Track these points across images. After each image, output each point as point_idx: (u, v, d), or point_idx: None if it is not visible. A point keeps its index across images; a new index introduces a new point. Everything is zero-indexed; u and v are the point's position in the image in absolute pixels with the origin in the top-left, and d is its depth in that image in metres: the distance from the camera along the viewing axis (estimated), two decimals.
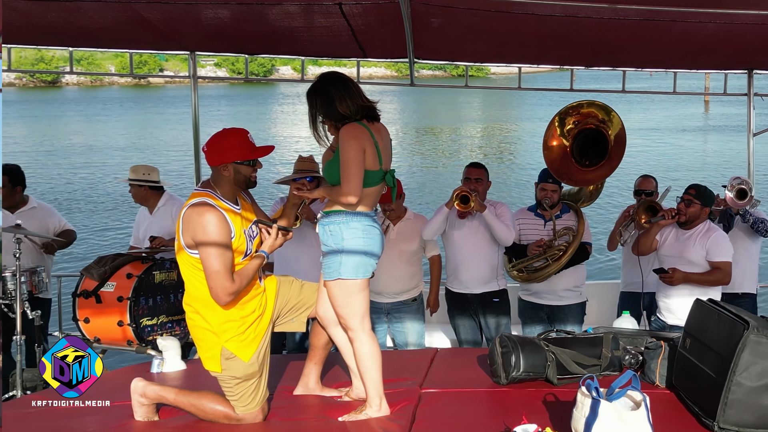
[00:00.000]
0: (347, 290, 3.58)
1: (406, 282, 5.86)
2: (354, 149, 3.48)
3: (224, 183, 3.61)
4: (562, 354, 3.98)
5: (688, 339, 3.65)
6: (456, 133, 34.39)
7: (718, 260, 5.28)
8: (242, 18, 5.74)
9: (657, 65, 7.56)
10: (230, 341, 3.58)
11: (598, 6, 4.93)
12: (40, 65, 46.46)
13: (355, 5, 5.20)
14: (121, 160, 23.52)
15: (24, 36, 6.69)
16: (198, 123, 7.26)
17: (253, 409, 3.65)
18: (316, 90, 3.63)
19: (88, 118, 38.27)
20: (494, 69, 38.28)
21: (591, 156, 5.76)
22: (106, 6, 5.52)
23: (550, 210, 5.78)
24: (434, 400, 3.80)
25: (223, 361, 3.59)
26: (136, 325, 5.54)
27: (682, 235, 5.40)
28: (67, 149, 28.99)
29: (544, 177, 5.82)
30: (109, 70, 42.58)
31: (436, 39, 6.31)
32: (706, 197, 5.39)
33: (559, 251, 5.71)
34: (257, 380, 3.65)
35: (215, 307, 3.55)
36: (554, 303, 5.86)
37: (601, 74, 7.33)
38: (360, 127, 3.53)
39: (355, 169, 3.48)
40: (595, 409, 2.91)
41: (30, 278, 5.82)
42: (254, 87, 52.88)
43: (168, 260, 5.86)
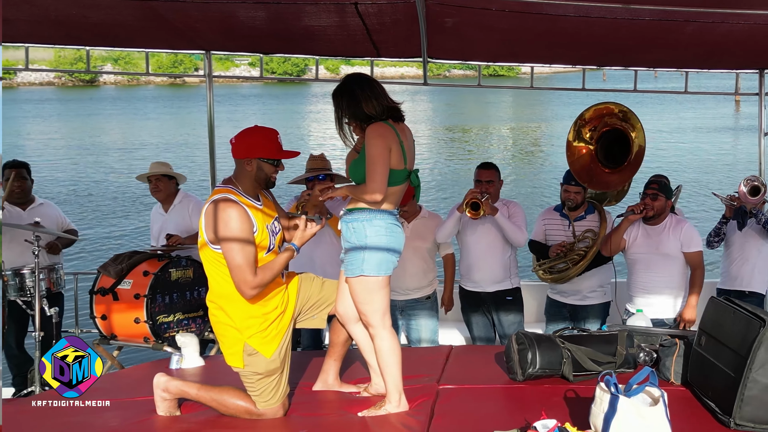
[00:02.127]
0: (369, 287, 3.62)
1: (419, 279, 5.90)
2: (380, 147, 3.52)
3: (246, 178, 3.65)
4: (578, 351, 4.02)
5: (703, 336, 3.68)
6: (486, 131, 34.38)
7: (694, 250, 5.38)
8: (258, 17, 5.77)
9: (668, 65, 7.56)
10: (253, 337, 3.62)
11: (612, 6, 4.96)
12: (79, 65, 47.06)
13: (371, 5, 5.23)
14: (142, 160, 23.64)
15: (42, 35, 6.74)
16: (213, 122, 7.30)
17: (274, 404, 3.70)
18: (342, 91, 3.68)
19: (124, 116, 38.68)
20: (525, 69, 38.24)
21: (616, 156, 5.77)
22: (123, 4, 5.56)
23: (574, 211, 5.82)
24: (452, 396, 3.84)
25: (246, 357, 3.63)
26: (152, 322, 5.59)
27: (652, 231, 5.46)
28: (95, 146, 29.15)
29: (567, 178, 5.84)
30: (144, 69, 42.97)
31: (449, 38, 6.33)
32: (667, 190, 5.51)
33: (579, 255, 5.72)
34: (279, 376, 3.70)
35: (238, 303, 3.60)
36: (578, 303, 5.88)
37: (628, 74, 7.36)
38: (386, 126, 3.58)
39: (380, 167, 3.53)
40: (614, 405, 2.95)
41: (48, 275, 5.90)
42: (289, 87, 53.24)
43: (184, 258, 5.92)
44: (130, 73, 55.39)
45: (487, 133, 33.96)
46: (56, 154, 26.87)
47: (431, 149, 28.42)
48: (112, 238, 14.79)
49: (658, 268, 5.41)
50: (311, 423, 3.64)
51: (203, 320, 5.92)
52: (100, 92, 51.12)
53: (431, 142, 30.80)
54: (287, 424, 3.66)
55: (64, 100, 46.60)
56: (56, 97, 47.41)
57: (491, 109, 42.08)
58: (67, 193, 19.81)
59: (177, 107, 42.69)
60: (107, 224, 16.11)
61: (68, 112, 41.15)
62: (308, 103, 45.45)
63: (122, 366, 5.99)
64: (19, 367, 6.16)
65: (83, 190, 20.36)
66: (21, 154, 24.73)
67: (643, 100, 36.86)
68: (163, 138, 30.51)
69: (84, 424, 3.69)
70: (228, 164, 3.76)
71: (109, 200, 18.76)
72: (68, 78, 52.61)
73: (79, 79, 53.01)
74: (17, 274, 5.80)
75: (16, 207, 6.24)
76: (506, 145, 30.59)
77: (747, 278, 6.10)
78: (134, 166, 22.13)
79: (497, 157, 25.73)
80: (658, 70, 7.97)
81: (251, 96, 47.39)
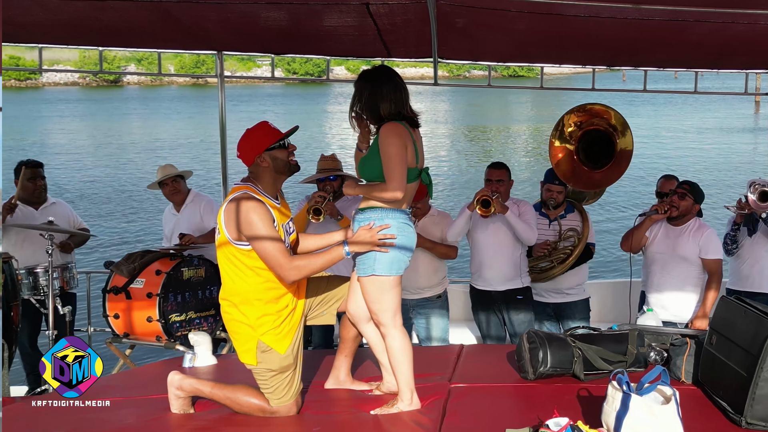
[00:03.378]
0: (381, 287, 3.64)
1: (429, 277, 5.92)
2: (397, 146, 3.54)
3: (265, 176, 3.67)
4: (589, 350, 4.04)
5: (714, 336, 3.70)
6: (505, 132, 34.38)
7: (711, 257, 5.38)
8: (269, 18, 5.80)
9: (678, 65, 7.56)
10: (266, 334, 3.65)
11: (623, 6, 4.98)
12: (103, 65, 47.53)
13: (382, 5, 5.26)
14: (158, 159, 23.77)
15: (55, 36, 6.79)
16: (224, 122, 7.33)
17: (287, 401, 3.72)
18: (369, 80, 3.67)
19: (143, 116, 38.91)
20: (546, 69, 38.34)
21: (597, 157, 5.82)
22: (135, 5, 5.60)
23: (555, 210, 5.89)
24: (463, 394, 3.86)
25: (259, 354, 3.66)
26: (164, 320, 5.64)
27: (672, 231, 5.47)
28: (113, 146, 29.29)
29: (550, 178, 5.91)
30: (169, 70, 43.42)
31: (460, 39, 6.35)
32: (698, 194, 5.48)
33: (565, 254, 5.82)
34: (292, 373, 3.73)
35: (252, 301, 3.63)
36: (559, 300, 5.99)
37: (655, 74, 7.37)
38: (400, 125, 3.60)
39: (399, 166, 3.54)
40: (626, 403, 2.97)
41: (61, 274, 5.94)
42: (311, 87, 53.45)
43: (196, 257, 5.96)
44: (141, 74, 55.76)
45: (507, 134, 33.95)
46: (75, 153, 27.00)
47: (450, 149, 28.45)
48: (125, 237, 14.87)
49: (673, 269, 5.43)
50: (324, 421, 3.67)
51: (215, 319, 5.96)
52: (123, 92, 51.52)
53: (450, 141, 30.86)
54: (300, 422, 3.68)
55: (87, 100, 47.00)
56: (80, 98, 47.76)
57: (511, 109, 42.10)
58: (83, 192, 19.90)
59: (198, 107, 42.90)
60: (122, 223, 16.23)
61: (89, 111, 41.43)
62: (328, 103, 45.68)
63: (135, 364, 6.04)
64: (32, 366, 6.20)
65: (99, 189, 20.46)
66: (43, 153, 24.91)
67: (663, 101, 36.83)
68: (179, 137, 30.68)
69: (100, 420, 3.72)
70: (240, 163, 3.79)
71: (124, 199, 18.89)
72: (92, 78, 52.92)
73: (102, 79, 53.33)
74: (31, 273, 5.85)
75: (29, 206, 6.29)
76: (525, 145, 30.56)
77: (757, 279, 6.09)
78: (150, 165, 22.28)
79: (516, 158, 25.77)
80: (678, 71, 7.96)
81: (274, 96, 47.52)
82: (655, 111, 37.76)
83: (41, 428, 3.69)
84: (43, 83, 52.29)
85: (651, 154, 23.57)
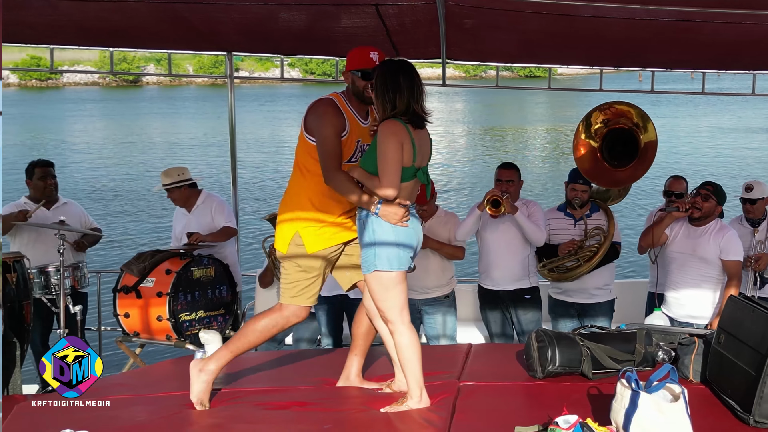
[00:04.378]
0: (384, 283, 3.66)
1: (438, 277, 5.94)
2: (393, 145, 3.57)
3: (351, 92, 3.88)
4: (597, 349, 4.05)
5: (722, 335, 3.71)
6: (521, 132, 34.37)
7: (732, 259, 5.35)
8: (278, 19, 5.85)
9: (685, 66, 7.60)
10: (306, 230, 3.82)
11: (630, 7, 5.00)
12: (123, 65, 47.84)
13: (392, 6, 5.31)
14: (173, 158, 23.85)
15: (65, 36, 6.84)
16: (234, 122, 7.37)
17: (300, 302, 3.87)
18: (390, 70, 3.68)
19: (163, 115, 39.15)
20: (561, 70, 38.42)
21: (620, 155, 5.83)
22: (146, 6, 5.65)
23: (580, 209, 5.87)
24: (472, 392, 3.88)
25: (292, 245, 3.83)
26: (174, 319, 5.68)
27: (693, 232, 5.45)
28: (127, 145, 29.45)
29: (574, 177, 5.90)
30: (188, 70, 43.75)
31: (468, 39, 6.39)
32: (721, 195, 5.47)
33: (591, 252, 5.78)
34: (315, 278, 3.88)
35: (303, 199, 3.86)
36: (585, 301, 5.93)
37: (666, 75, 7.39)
38: (399, 124, 3.61)
39: (392, 165, 3.57)
40: (634, 401, 2.99)
41: (73, 273, 5.99)
42: (330, 86, 53.45)
43: (206, 256, 6.00)
44: (153, 74, 55.82)
45: (524, 134, 33.93)
46: (89, 153, 27.09)
47: (467, 149, 28.43)
48: (139, 237, 14.95)
49: (693, 270, 5.41)
50: (334, 418, 3.68)
51: (224, 318, 6.01)
52: (142, 92, 51.70)
53: (467, 142, 30.86)
54: (311, 420, 3.71)
55: (106, 100, 47.12)
56: (99, 98, 47.92)
57: (527, 109, 42.07)
58: (95, 191, 19.97)
59: (216, 107, 42.94)
60: (134, 223, 16.31)
61: (108, 111, 41.57)
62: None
63: (144, 363, 6.08)
64: None
65: (116, 188, 20.55)
66: (61, 152, 24.95)
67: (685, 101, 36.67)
68: (196, 137, 30.74)
69: (113, 418, 3.75)
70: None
71: (135, 199, 18.97)
72: (112, 78, 53.36)
73: (122, 79, 53.79)
74: (42, 272, 5.89)
75: (41, 207, 6.33)
76: (543, 145, 30.54)
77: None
78: (165, 165, 22.36)
79: (533, 158, 25.73)
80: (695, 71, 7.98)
81: (292, 96, 47.43)
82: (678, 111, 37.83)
83: (52, 426, 3.72)
84: (63, 83, 52.59)
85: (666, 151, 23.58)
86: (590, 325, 4.70)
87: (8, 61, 28.74)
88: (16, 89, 50.51)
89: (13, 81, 51.18)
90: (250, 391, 4.11)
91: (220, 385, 4.08)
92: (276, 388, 4.09)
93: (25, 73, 49.05)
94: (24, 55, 31.01)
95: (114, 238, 14.06)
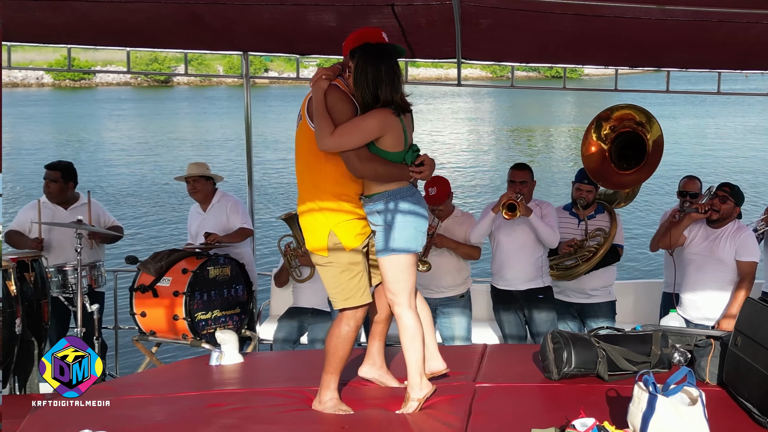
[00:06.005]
0: (399, 265, 3.70)
1: (453, 277, 5.96)
2: (373, 125, 3.61)
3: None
4: (613, 351, 4.05)
5: (739, 337, 3.70)
6: (547, 133, 34.30)
7: (746, 260, 5.34)
8: (294, 20, 5.86)
9: (701, 66, 7.54)
10: (339, 225, 3.70)
11: (646, 7, 4.99)
12: (154, 65, 48.25)
13: (407, 6, 5.31)
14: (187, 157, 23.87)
15: (83, 36, 6.89)
16: (250, 121, 7.40)
17: (354, 303, 3.76)
18: (372, 57, 3.64)
19: (193, 115, 39.37)
20: (588, 70, 38.42)
21: (629, 158, 5.84)
22: (163, 6, 5.68)
23: (585, 210, 5.90)
24: (489, 394, 3.89)
25: (330, 248, 3.71)
26: (191, 319, 5.69)
27: (711, 234, 5.44)
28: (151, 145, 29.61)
29: (580, 177, 5.93)
30: (218, 70, 44.01)
31: (483, 39, 6.38)
32: (739, 196, 5.45)
33: (590, 252, 5.84)
34: (361, 273, 3.77)
35: (325, 191, 3.71)
36: (583, 301, 5.99)
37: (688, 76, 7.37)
38: (392, 115, 3.64)
39: (357, 133, 3.60)
40: (652, 404, 2.99)
41: (90, 272, 6.02)
42: None
43: (222, 256, 6.02)
44: (166, 74, 56.10)
45: (549, 134, 33.81)
46: (112, 151, 27.22)
47: (492, 150, 28.39)
48: (155, 235, 15.04)
49: (710, 272, 5.39)
50: (352, 419, 3.70)
51: (240, 317, 6.04)
52: (173, 92, 51.98)
53: (493, 142, 30.82)
54: (327, 421, 3.72)
55: (136, 99, 47.34)
56: (130, 97, 48.20)
57: (554, 110, 41.99)
58: (116, 191, 20.08)
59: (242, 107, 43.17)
60: (154, 222, 16.43)
61: (138, 111, 41.75)
62: None
63: (161, 362, 6.11)
64: None
65: (142, 187, 20.65)
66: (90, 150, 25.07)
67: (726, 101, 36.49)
68: (224, 136, 30.83)
69: (131, 417, 3.78)
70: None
71: (156, 198, 19.07)
72: (144, 78, 53.89)
73: (153, 79, 54.29)
74: (60, 271, 5.93)
75: (58, 206, 6.39)
76: (567, 145, 30.43)
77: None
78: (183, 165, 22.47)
79: (558, 158, 25.67)
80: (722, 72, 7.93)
81: None
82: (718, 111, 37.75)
83: (71, 426, 3.74)
84: (96, 83, 53.02)
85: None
86: (605, 326, 4.70)
87: (42, 62, 28.99)
88: (50, 89, 50.99)
89: (47, 81, 51.63)
90: (267, 392, 4.13)
91: None
92: (292, 388, 4.10)
93: (59, 73, 49.36)
94: (58, 55, 31.19)
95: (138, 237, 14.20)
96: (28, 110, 37.46)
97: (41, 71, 48.86)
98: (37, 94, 48.24)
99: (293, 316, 6.50)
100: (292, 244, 6.48)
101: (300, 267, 6.46)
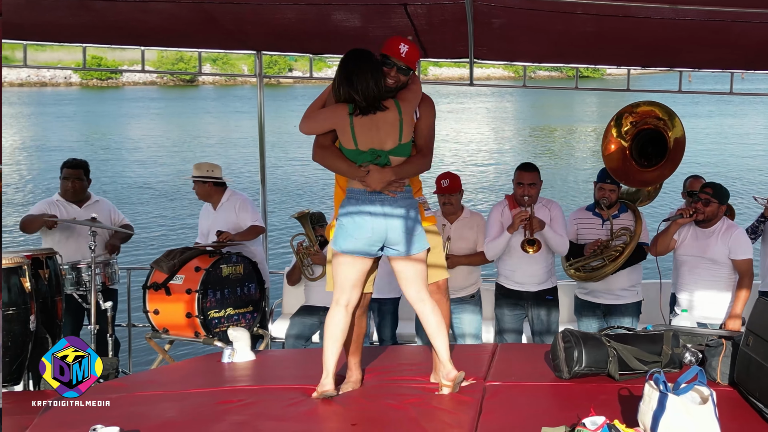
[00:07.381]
0: (424, 261, 3.94)
1: (465, 278, 5.98)
2: (324, 116, 3.87)
3: None
4: (624, 350, 4.04)
5: (750, 337, 3.69)
6: (568, 132, 34.25)
7: (741, 258, 5.35)
8: (307, 19, 5.89)
9: (714, 66, 7.53)
10: (339, 218, 3.89)
11: (659, 6, 4.99)
12: (180, 65, 48.72)
13: (420, 6, 5.33)
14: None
15: (99, 36, 6.93)
16: (263, 121, 7.44)
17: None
18: (347, 66, 3.82)
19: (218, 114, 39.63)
20: (609, 70, 38.41)
21: (650, 156, 5.81)
22: (177, 6, 5.71)
23: (608, 210, 5.84)
24: (499, 392, 3.89)
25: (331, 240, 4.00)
26: (203, 317, 5.74)
27: (701, 234, 5.45)
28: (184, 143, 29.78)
29: (602, 177, 5.87)
30: (242, 70, 44.37)
31: (496, 39, 6.39)
32: (722, 195, 5.45)
33: (616, 252, 5.75)
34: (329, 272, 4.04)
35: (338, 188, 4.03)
36: (611, 302, 5.90)
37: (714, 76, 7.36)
38: (345, 110, 3.79)
39: (311, 120, 3.89)
40: (662, 403, 2.99)
41: (103, 270, 6.07)
42: None
43: (234, 254, 6.05)
44: (180, 72, 56.45)
45: (572, 134, 33.77)
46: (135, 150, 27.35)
47: (514, 149, 28.39)
48: (167, 233, 15.09)
49: (704, 271, 5.42)
50: (362, 417, 3.71)
51: (253, 315, 6.07)
52: (199, 92, 52.35)
53: (515, 141, 30.81)
54: (338, 417, 3.74)
55: (162, 99, 47.64)
56: (156, 96, 48.54)
57: (577, 109, 41.95)
58: (141, 188, 20.16)
59: (269, 107, 43.22)
60: (164, 220, 16.49)
61: (165, 110, 42.00)
62: None
63: (173, 359, 6.15)
64: None
65: (145, 187, 20.74)
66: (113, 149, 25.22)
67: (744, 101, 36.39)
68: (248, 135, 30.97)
69: (143, 414, 3.81)
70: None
71: (170, 196, 19.17)
72: (170, 78, 54.39)
73: (179, 79, 54.84)
74: (74, 269, 5.99)
75: (73, 204, 6.43)
76: (590, 145, 30.39)
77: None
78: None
79: (580, 158, 25.65)
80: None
81: None
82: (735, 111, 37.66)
83: (83, 422, 3.76)
84: (123, 83, 53.49)
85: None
86: (616, 326, 4.69)
87: (69, 61, 29.07)
88: (78, 88, 51.33)
89: (75, 80, 52.03)
90: (278, 389, 4.14)
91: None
92: (303, 385, 4.11)
93: (86, 73, 49.76)
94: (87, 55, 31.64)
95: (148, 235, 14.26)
96: (56, 109, 37.72)
97: (69, 71, 49.26)
98: (65, 93, 48.57)
99: (305, 314, 6.53)
100: (304, 242, 6.51)
101: (312, 265, 6.49)
